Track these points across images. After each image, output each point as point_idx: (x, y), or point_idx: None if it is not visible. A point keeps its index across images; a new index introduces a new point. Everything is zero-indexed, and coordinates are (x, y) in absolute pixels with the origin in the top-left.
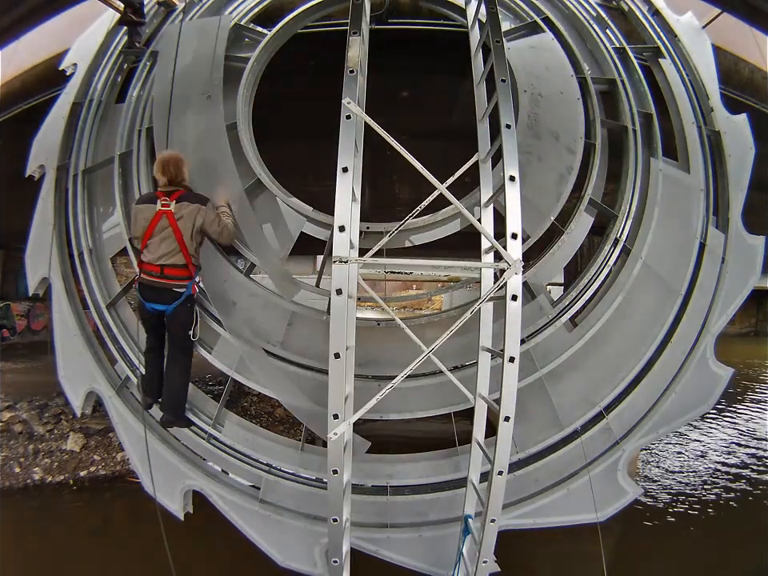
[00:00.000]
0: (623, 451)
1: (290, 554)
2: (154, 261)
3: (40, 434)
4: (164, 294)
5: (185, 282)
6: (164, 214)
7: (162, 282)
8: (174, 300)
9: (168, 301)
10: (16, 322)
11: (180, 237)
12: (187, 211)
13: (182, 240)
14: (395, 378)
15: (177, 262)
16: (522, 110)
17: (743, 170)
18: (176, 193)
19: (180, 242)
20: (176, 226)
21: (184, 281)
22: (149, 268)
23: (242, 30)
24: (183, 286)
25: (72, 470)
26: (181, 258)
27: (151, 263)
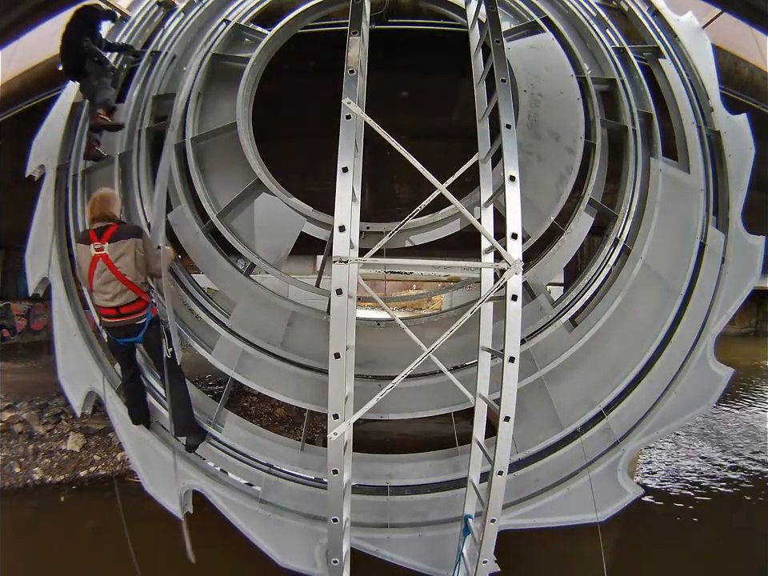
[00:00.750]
0: (623, 451)
1: (290, 554)
2: (106, 304)
3: (40, 433)
4: (129, 329)
5: (143, 313)
6: (100, 258)
7: (122, 320)
8: (140, 330)
9: (135, 333)
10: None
11: (123, 277)
12: (124, 248)
13: (126, 279)
14: (395, 378)
15: (128, 299)
16: (522, 109)
17: (743, 170)
18: (108, 230)
19: (124, 282)
20: (115, 268)
21: (142, 312)
22: (105, 311)
23: (241, 30)
24: (143, 317)
25: (72, 470)
26: (131, 295)
27: (105, 307)
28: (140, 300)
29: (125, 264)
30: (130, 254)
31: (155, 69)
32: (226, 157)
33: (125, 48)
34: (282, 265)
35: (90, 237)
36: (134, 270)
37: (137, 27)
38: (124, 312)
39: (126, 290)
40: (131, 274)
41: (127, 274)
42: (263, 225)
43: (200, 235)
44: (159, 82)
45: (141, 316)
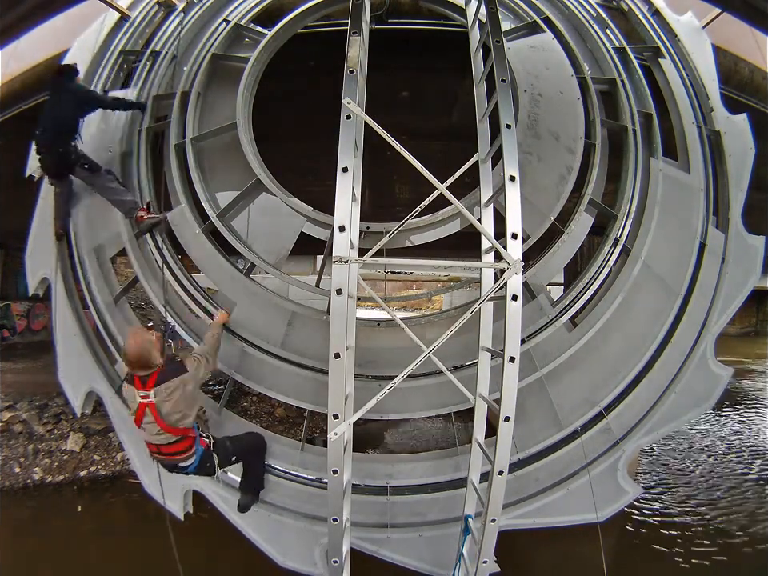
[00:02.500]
0: (623, 451)
1: (290, 554)
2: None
3: (40, 433)
4: (177, 468)
5: (189, 453)
6: (146, 407)
7: (165, 459)
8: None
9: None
10: (16, 321)
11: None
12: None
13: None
14: (395, 378)
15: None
16: (522, 109)
17: (743, 170)
18: (153, 376)
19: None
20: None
21: (187, 452)
22: (150, 447)
23: (241, 30)
24: (189, 457)
25: (72, 469)
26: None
27: (148, 442)
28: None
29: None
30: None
31: (155, 69)
32: (226, 157)
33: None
34: (281, 265)
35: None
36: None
37: (137, 27)
38: (165, 452)
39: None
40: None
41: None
42: (263, 225)
43: (200, 235)
44: (159, 82)
45: (186, 457)
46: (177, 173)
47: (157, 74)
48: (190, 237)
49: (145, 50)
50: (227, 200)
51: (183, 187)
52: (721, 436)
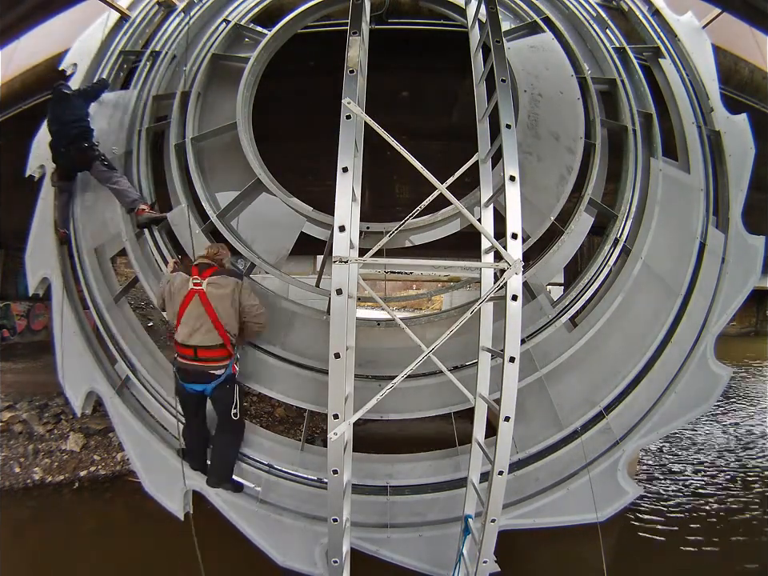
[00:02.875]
0: (623, 451)
1: (290, 554)
2: (186, 342)
3: (40, 433)
4: (201, 377)
5: (223, 363)
6: (196, 294)
7: (197, 365)
8: (212, 381)
9: (206, 381)
10: (16, 321)
11: (215, 316)
12: (223, 285)
13: (217, 319)
14: (395, 378)
15: (211, 342)
16: (522, 109)
17: (743, 170)
18: (209, 269)
19: (215, 322)
20: (209, 305)
21: (221, 361)
22: (183, 350)
23: (241, 30)
24: (221, 367)
25: (72, 470)
26: (216, 337)
27: (184, 345)
28: (223, 348)
29: (221, 304)
30: (227, 296)
31: (155, 69)
32: (226, 157)
33: (101, 85)
34: (281, 265)
35: (192, 270)
36: (229, 313)
37: (137, 27)
38: (202, 356)
39: (212, 331)
40: (225, 313)
41: (221, 314)
42: (263, 225)
43: (200, 235)
44: (159, 81)
45: (219, 366)
46: (177, 173)
47: (157, 74)
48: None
49: (145, 50)
50: (227, 200)
51: (183, 187)
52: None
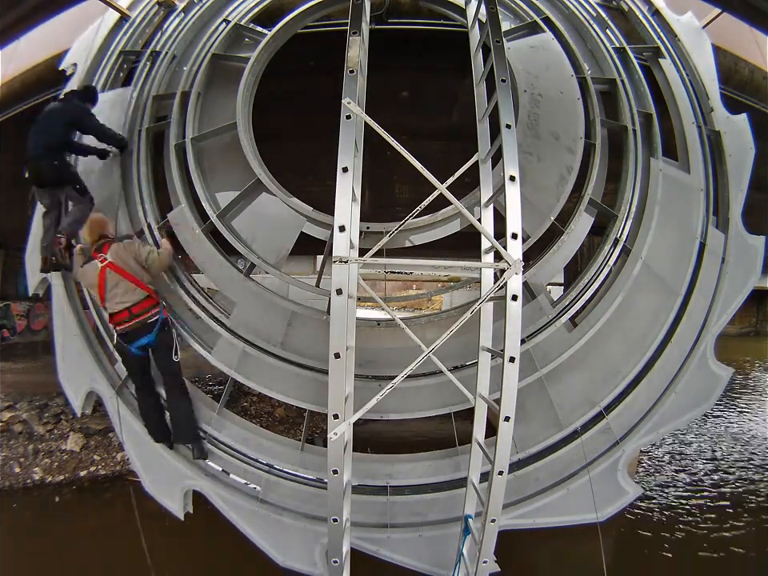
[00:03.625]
0: (623, 451)
1: (290, 554)
2: (119, 308)
3: (40, 433)
4: (142, 331)
5: (155, 311)
6: (107, 268)
7: (135, 321)
8: (153, 329)
9: (148, 332)
10: (16, 321)
11: (130, 275)
12: (121, 249)
13: (133, 277)
14: (395, 378)
15: (138, 297)
16: (522, 109)
17: (743, 170)
18: (105, 245)
19: (133, 280)
20: (121, 269)
21: (153, 309)
22: (118, 317)
23: (241, 30)
24: (155, 314)
25: (72, 469)
26: (140, 292)
27: (118, 312)
28: (149, 298)
29: (127, 264)
30: (129, 255)
31: (155, 69)
32: (226, 157)
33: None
34: (281, 265)
35: (93, 255)
36: (137, 267)
37: (137, 27)
38: (136, 312)
39: (135, 288)
40: (136, 271)
41: (133, 271)
42: (263, 225)
43: (200, 235)
44: (159, 81)
45: (153, 314)
46: (177, 173)
47: (157, 74)
48: (190, 237)
49: (145, 50)
50: (227, 200)
51: (183, 187)
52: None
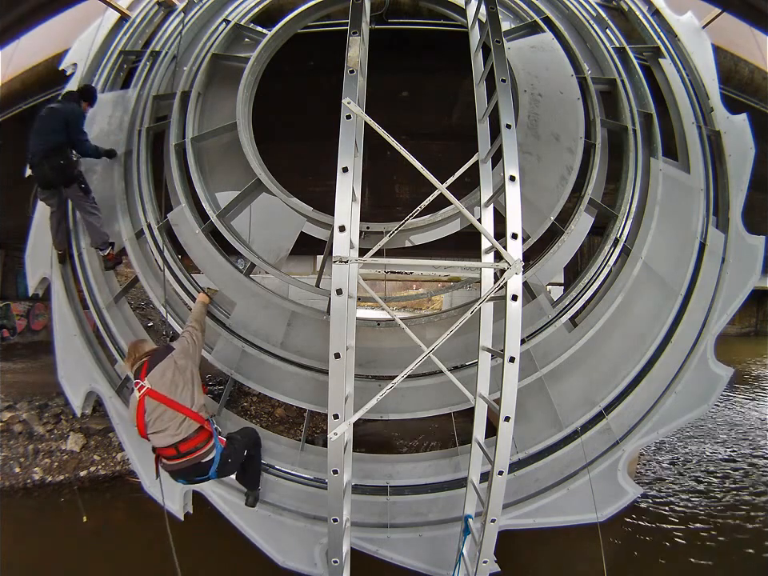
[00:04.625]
0: (623, 451)
1: (290, 554)
2: (163, 443)
3: (40, 434)
4: (196, 469)
5: (209, 446)
6: (146, 396)
7: (184, 461)
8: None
9: (204, 472)
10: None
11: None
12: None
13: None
14: (395, 378)
15: (188, 432)
16: (522, 110)
17: (743, 170)
18: (143, 366)
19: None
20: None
21: (206, 445)
22: (163, 452)
23: (241, 30)
24: (209, 451)
25: (72, 469)
26: (191, 425)
27: (163, 446)
28: (202, 430)
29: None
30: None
31: (155, 69)
32: (226, 157)
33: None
34: (281, 265)
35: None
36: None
37: (137, 27)
38: (184, 450)
39: (183, 420)
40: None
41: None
42: (263, 225)
43: (200, 235)
44: (159, 81)
45: (206, 451)
46: (177, 173)
47: (157, 74)
48: (190, 237)
49: (145, 50)
50: (227, 200)
51: (183, 187)
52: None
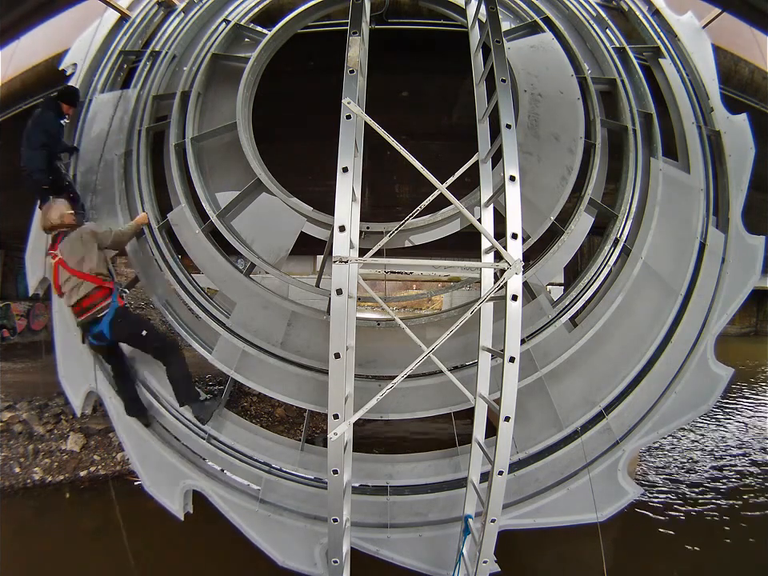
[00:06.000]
0: (623, 451)
1: (290, 554)
2: (71, 303)
3: (40, 434)
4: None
5: (105, 303)
6: (58, 265)
7: (85, 315)
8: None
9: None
10: (16, 321)
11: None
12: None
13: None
14: (395, 378)
15: (86, 291)
16: (522, 110)
17: (743, 170)
18: (59, 237)
19: (78, 275)
20: (65, 265)
21: (103, 302)
22: (74, 310)
23: (241, 30)
24: (105, 307)
25: (72, 469)
26: (88, 285)
27: (71, 306)
28: (100, 289)
29: (73, 255)
30: (76, 245)
31: (155, 69)
32: (226, 157)
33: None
34: (281, 265)
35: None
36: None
37: (137, 27)
38: (85, 305)
39: (81, 283)
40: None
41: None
42: (263, 225)
43: (200, 235)
44: (159, 81)
45: (102, 307)
46: (177, 173)
47: (157, 74)
48: (190, 237)
49: (145, 50)
50: (227, 200)
51: (183, 187)
52: None
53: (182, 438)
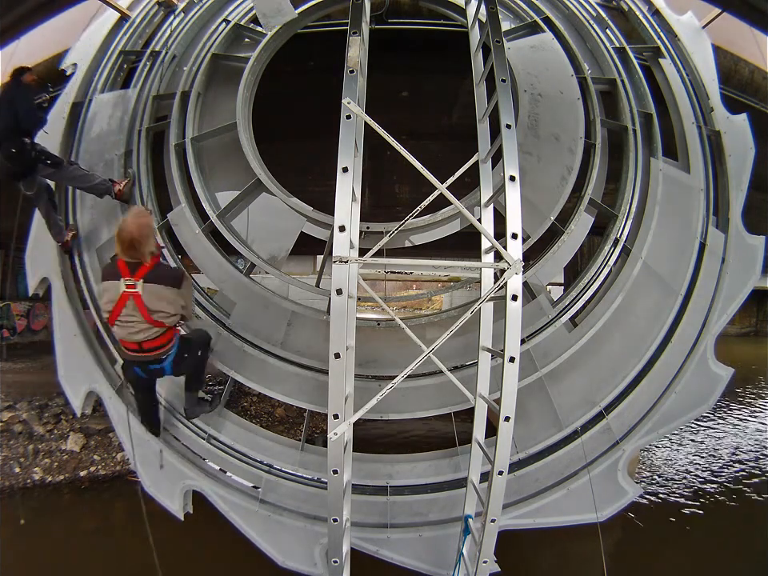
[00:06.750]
0: (623, 451)
1: (290, 554)
2: (128, 339)
3: (40, 434)
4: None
5: (169, 346)
6: (131, 296)
7: (144, 356)
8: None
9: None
10: (16, 321)
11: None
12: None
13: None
14: (395, 378)
15: (154, 335)
16: (522, 110)
17: (743, 170)
18: (142, 268)
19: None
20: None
21: (167, 345)
22: (126, 344)
23: (241, 30)
24: (169, 349)
25: (72, 469)
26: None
27: (126, 341)
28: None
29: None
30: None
31: (155, 69)
32: (226, 157)
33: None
34: (281, 265)
35: (120, 269)
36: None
37: (137, 27)
38: (147, 347)
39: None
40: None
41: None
42: (263, 225)
43: (200, 235)
44: (159, 81)
45: (169, 349)
46: (177, 173)
47: (157, 74)
48: (190, 237)
49: (145, 50)
50: (227, 200)
51: (183, 187)
52: None
53: (182, 438)
